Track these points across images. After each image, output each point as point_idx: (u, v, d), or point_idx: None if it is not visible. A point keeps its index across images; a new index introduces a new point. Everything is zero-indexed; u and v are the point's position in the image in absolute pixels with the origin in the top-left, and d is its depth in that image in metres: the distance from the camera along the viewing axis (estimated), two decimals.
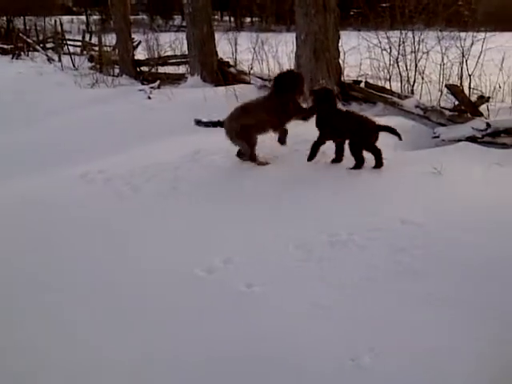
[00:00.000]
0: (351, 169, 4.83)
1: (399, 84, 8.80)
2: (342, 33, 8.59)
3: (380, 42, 9.01)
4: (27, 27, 25.54)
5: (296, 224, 3.83)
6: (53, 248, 3.84)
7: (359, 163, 4.87)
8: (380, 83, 8.86)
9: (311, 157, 5.01)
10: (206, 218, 4.11)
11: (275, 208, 4.13)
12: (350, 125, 4.92)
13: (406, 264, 3.13)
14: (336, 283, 3.07)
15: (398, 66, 8.74)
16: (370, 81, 8.80)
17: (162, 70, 13.15)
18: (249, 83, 10.32)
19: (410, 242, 3.37)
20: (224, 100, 8.63)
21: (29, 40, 21.56)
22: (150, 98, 9.40)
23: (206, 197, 4.55)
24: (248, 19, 40.42)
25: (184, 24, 34.26)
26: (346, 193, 4.31)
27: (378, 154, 4.87)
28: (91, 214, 4.41)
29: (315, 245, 3.48)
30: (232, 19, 42.15)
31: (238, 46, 12.12)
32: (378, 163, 4.86)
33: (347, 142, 4.97)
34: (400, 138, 4.95)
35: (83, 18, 39.80)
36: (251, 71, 11.01)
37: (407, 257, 3.20)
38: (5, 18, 26.91)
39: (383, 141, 5.99)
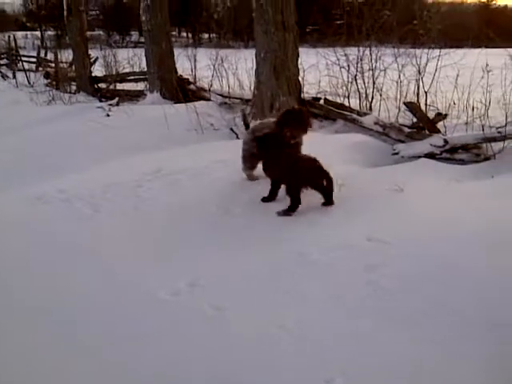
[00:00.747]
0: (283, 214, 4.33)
1: (358, 101, 8.95)
2: (300, 50, 8.70)
3: (338, 60, 9.16)
4: None
5: (265, 244, 3.80)
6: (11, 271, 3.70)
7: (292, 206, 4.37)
8: (339, 100, 8.99)
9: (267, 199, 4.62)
10: (169, 239, 4.05)
11: (243, 228, 4.09)
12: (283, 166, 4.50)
13: (374, 281, 3.13)
14: (305, 302, 3.05)
15: (356, 83, 8.90)
16: (329, 97, 8.93)
17: (120, 86, 13.03)
18: (209, 100, 10.33)
19: (377, 259, 3.37)
20: (186, 117, 8.59)
21: None
22: (108, 115, 9.28)
23: (169, 217, 4.47)
24: (206, 35, 40.56)
25: (141, 40, 34.14)
26: (311, 210, 4.30)
27: (325, 193, 4.46)
28: (50, 237, 4.28)
29: (285, 265, 3.46)
30: (190, 35, 42.22)
31: (197, 63, 12.12)
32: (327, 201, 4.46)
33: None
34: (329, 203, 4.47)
35: (38, 33, 39.17)
36: (211, 88, 11.02)
37: (375, 274, 3.20)
38: None
39: (342, 157, 6.11)
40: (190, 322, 2.99)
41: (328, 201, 4.44)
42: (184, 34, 43.67)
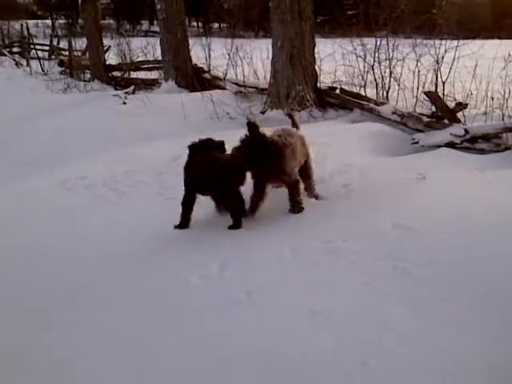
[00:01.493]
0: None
1: (374, 90, 8.93)
2: (316, 40, 8.68)
3: (355, 49, 9.13)
4: None
5: (289, 230, 3.82)
6: (38, 258, 3.76)
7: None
8: (355, 90, 8.97)
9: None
10: (197, 223, 4.08)
11: (272, 216, 4.12)
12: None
13: (401, 268, 3.16)
14: (333, 289, 3.08)
15: (373, 72, 8.86)
16: (345, 87, 8.91)
17: (134, 75, 13.05)
18: (224, 89, 10.33)
19: (403, 246, 3.40)
20: (202, 106, 8.62)
21: None
22: (125, 103, 9.31)
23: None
24: (216, 25, 40.40)
25: (152, 29, 34.01)
26: (336, 200, 4.32)
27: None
28: (73, 222, 4.34)
29: (311, 252, 3.49)
30: (200, 25, 42.05)
31: (211, 52, 12.11)
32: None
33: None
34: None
35: (49, 22, 39.15)
36: (226, 77, 11.02)
37: (402, 261, 3.23)
38: None
39: (361, 146, 6.12)
40: (221, 306, 3.03)
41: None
42: (194, 24, 43.49)
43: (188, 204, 4.06)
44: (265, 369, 2.51)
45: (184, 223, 4.05)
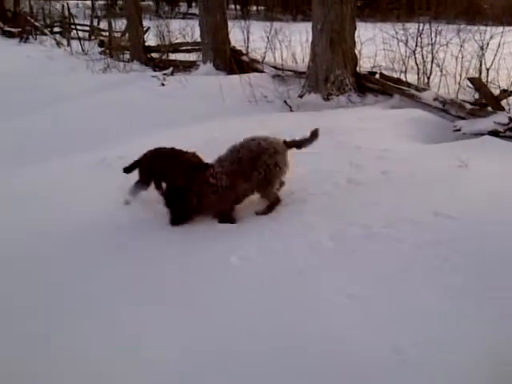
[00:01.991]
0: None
1: (415, 76, 8.75)
2: (357, 24, 8.55)
3: (396, 33, 8.95)
4: (34, 11, 25.34)
5: (328, 216, 3.81)
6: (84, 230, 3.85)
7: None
8: (394, 75, 8.81)
9: None
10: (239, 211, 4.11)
11: (309, 202, 4.11)
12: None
13: (443, 257, 3.12)
14: (372, 275, 3.06)
15: (414, 57, 8.68)
16: (385, 72, 8.76)
17: (172, 56, 13.09)
18: (262, 72, 10.29)
19: (444, 234, 3.36)
20: (239, 89, 8.61)
21: (36, 24, 21.41)
22: (163, 84, 9.36)
23: None
24: (254, 8, 40.12)
25: (190, 11, 33.92)
26: (374, 187, 4.27)
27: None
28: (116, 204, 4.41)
29: (349, 237, 3.47)
30: (238, 7, 41.84)
31: (250, 35, 12.04)
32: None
33: None
34: None
35: (89, 2, 39.50)
36: (264, 60, 10.96)
37: (443, 249, 3.18)
38: (12, 1, 26.67)
39: (401, 132, 6.03)
40: (260, 286, 3.06)
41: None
42: (232, 7, 43.29)
43: None
44: (298, 352, 2.53)
45: None
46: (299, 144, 4.17)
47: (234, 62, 10.82)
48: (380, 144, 5.31)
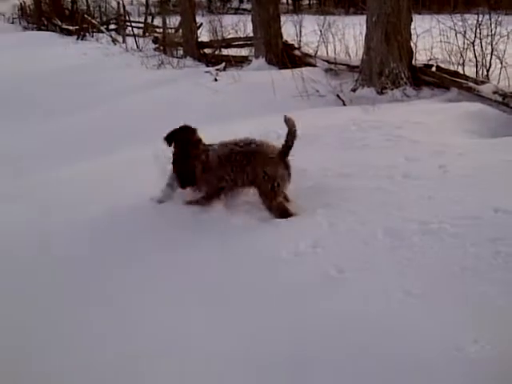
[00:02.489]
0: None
1: (473, 69, 8.49)
2: (414, 16, 8.37)
3: (455, 25, 8.70)
4: (90, 8, 26.03)
5: (383, 211, 3.75)
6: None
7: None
8: (451, 68, 8.58)
9: None
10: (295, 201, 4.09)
11: (360, 194, 4.06)
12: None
13: (505, 254, 3.02)
14: (430, 272, 3.00)
15: (473, 49, 8.41)
16: (441, 65, 8.54)
17: (224, 52, 13.18)
18: (315, 66, 10.22)
19: (505, 231, 3.25)
20: (292, 83, 8.58)
21: (93, 21, 21.97)
22: (216, 79, 9.44)
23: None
24: (306, 1, 39.85)
25: (242, 6, 34.04)
26: (431, 181, 4.17)
27: None
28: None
29: (405, 233, 3.40)
30: (290, 2, 41.69)
31: (302, 29, 11.98)
32: None
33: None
34: None
35: None
36: (316, 54, 10.88)
37: (505, 246, 3.08)
38: (69, 0, 27.50)
39: (459, 126, 5.86)
40: (311, 282, 3.05)
41: None
42: (284, 1, 43.16)
43: None
44: (350, 347, 2.51)
45: None
46: (289, 146, 3.98)
47: (287, 57, 10.79)
48: (437, 138, 5.18)
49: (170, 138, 4.28)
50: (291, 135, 3.95)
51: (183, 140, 4.21)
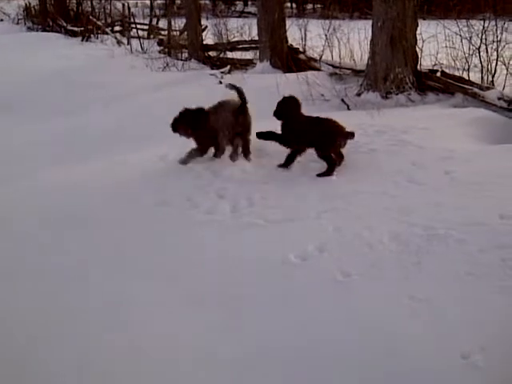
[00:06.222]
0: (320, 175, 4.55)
1: (478, 75, 8.48)
2: (419, 21, 8.36)
3: (460, 30, 8.69)
4: (95, 10, 26.05)
5: (389, 216, 3.74)
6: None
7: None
8: (457, 73, 8.57)
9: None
10: (300, 205, 4.09)
11: (366, 198, 4.06)
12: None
13: (509, 260, 3.01)
14: (435, 277, 3.00)
15: (479, 55, 8.40)
16: (446, 71, 8.54)
17: (229, 55, 13.18)
18: (319, 70, 10.22)
19: (511, 237, 3.24)
20: (296, 87, 8.57)
21: (98, 23, 21.99)
22: (221, 82, 9.44)
23: (304, 180, 4.54)
24: (310, 6, 39.89)
25: (246, 10, 34.05)
26: (438, 187, 4.17)
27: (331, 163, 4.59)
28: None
29: (411, 238, 3.40)
30: (294, 6, 41.74)
31: (307, 33, 11.98)
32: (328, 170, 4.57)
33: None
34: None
35: (147, 2, 40.30)
36: (321, 58, 10.88)
37: (510, 253, 3.08)
38: (74, 1, 27.50)
39: (464, 132, 5.85)
40: (317, 285, 3.05)
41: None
42: (288, 5, 43.22)
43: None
44: (355, 352, 2.51)
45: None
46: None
47: (291, 60, 10.81)
48: (443, 144, 5.17)
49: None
50: (240, 93, 5.20)
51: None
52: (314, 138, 4.71)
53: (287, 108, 5.04)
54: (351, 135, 4.70)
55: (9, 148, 7.15)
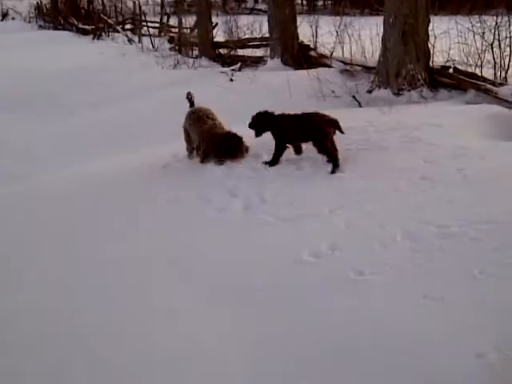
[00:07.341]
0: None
1: (491, 71, 8.42)
2: (432, 17, 8.31)
3: (473, 26, 8.63)
4: (106, 8, 26.15)
5: (401, 213, 3.72)
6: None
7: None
8: (470, 70, 8.51)
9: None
10: (313, 203, 4.09)
11: (378, 196, 4.04)
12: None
13: None
14: (450, 276, 2.98)
15: (492, 51, 8.34)
16: (459, 67, 8.48)
17: (240, 52, 13.18)
18: (330, 66, 10.19)
19: None
20: (307, 84, 8.56)
21: (110, 21, 22.09)
22: (232, 80, 9.45)
23: (316, 177, 4.52)
24: (320, 2, 39.73)
25: (256, 7, 34.03)
26: (450, 184, 4.14)
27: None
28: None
29: (424, 236, 3.38)
30: (304, 2, 41.61)
31: (318, 29, 11.95)
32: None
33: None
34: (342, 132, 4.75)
35: None
36: (332, 55, 10.86)
37: None
38: None
39: (477, 129, 5.80)
40: (331, 283, 3.04)
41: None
42: (299, 1, 43.07)
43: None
44: (369, 352, 2.50)
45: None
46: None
47: (302, 57, 10.78)
48: (455, 141, 5.12)
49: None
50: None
51: None
52: (305, 133, 4.76)
53: (262, 121, 5.18)
54: (335, 122, 4.74)
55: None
